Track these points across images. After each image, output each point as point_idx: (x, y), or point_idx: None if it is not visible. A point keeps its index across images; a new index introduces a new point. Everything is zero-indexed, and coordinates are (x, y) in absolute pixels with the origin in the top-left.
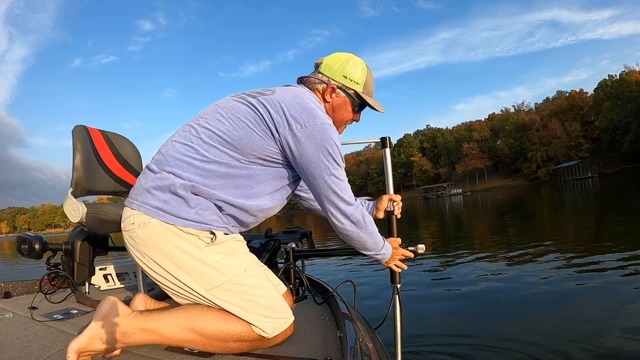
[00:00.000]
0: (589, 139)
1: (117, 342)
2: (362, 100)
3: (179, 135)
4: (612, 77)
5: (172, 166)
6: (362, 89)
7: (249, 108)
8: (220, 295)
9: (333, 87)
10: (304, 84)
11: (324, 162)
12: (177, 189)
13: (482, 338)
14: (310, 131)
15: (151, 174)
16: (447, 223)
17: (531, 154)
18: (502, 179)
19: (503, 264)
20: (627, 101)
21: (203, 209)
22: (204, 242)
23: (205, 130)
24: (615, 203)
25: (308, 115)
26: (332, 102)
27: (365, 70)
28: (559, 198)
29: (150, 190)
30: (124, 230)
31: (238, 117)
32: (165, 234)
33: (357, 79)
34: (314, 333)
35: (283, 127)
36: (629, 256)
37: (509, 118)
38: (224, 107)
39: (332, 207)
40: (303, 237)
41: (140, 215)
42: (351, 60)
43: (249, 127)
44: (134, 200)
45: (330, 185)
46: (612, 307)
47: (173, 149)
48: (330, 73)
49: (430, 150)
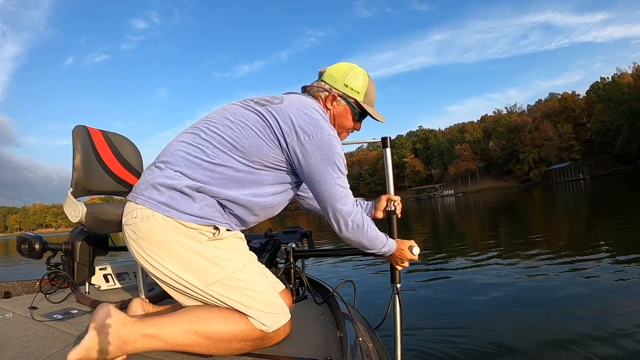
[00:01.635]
0: (580, 140)
1: (117, 351)
2: (362, 110)
3: (187, 136)
4: (604, 80)
5: (180, 166)
6: (362, 98)
7: (258, 117)
8: (219, 290)
9: (334, 95)
10: (307, 92)
11: (329, 171)
12: (184, 187)
13: (481, 338)
14: (318, 142)
15: (158, 170)
16: (439, 224)
17: (523, 156)
18: (494, 180)
19: (498, 264)
20: (619, 103)
21: (208, 205)
22: (205, 236)
23: (214, 135)
24: (607, 205)
25: (315, 126)
26: (333, 110)
27: (367, 81)
28: (550, 200)
29: (157, 187)
30: (125, 225)
31: (247, 125)
32: (167, 228)
33: (358, 88)
34: (314, 333)
35: (291, 138)
36: (621, 257)
37: (501, 120)
38: (232, 113)
39: (334, 214)
40: (303, 237)
41: (144, 209)
42: (353, 70)
43: (258, 135)
44: (138, 195)
45: (334, 194)
46: (605, 307)
47: (182, 149)
48: (332, 82)
49: (423, 151)
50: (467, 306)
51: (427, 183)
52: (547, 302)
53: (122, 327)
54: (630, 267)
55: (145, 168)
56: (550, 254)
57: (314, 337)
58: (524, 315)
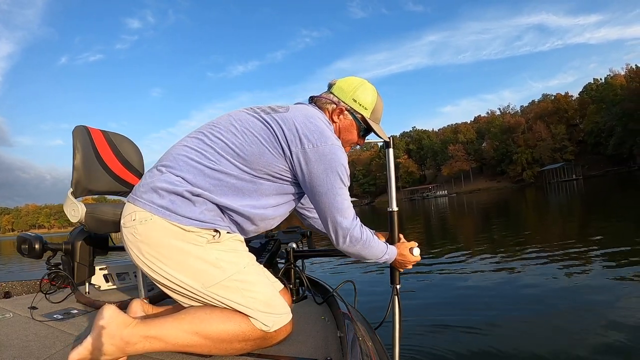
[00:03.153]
0: (574, 141)
1: (119, 352)
2: (368, 126)
3: (191, 140)
4: (597, 81)
5: (182, 171)
6: (369, 114)
7: (263, 125)
8: (219, 292)
9: (342, 109)
10: (315, 103)
11: (332, 181)
12: (184, 192)
13: (480, 338)
14: (322, 151)
15: (159, 174)
16: (433, 224)
17: (516, 156)
18: (488, 181)
19: (494, 264)
20: (612, 105)
21: (208, 209)
22: (205, 239)
23: (218, 142)
24: (600, 205)
25: (320, 135)
26: (339, 124)
27: (376, 97)
28: (543, 200)
29: (157, 190)
30: (124, 227)
31: (252, 133)
32: (166, 232)
33: (366, 104)
34: (314, 333)
35: (295, 145)
36: (613, 255)
37: (494, 120)
38: (238, 120)
39: (333, 226)
40: (303, 237)
41: (143, 211)
42: (363, 85)
43: (262, 143)
44: (138, 197)
45: (334, 205)
46: (597, 308)
47: (185, 153)
48: (341, 95)
49: (416, 152)
50: (466, 307)
51: (420, 184)
52: (545, 303)
53: (124, 329)
54: (622, 267)
55: (147, 170)
56: (544, 254)
57: (314, 337)
58: (523, 315)
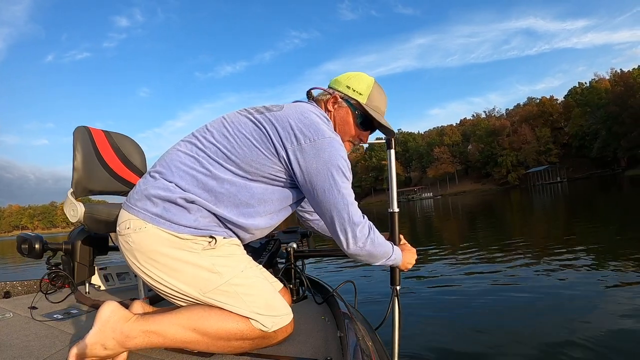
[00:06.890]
0: (558, 144)
1: (119, 346)
2: (366, 113)
3: (185, 145)
4: (582, 85)
5: (175, 177)
6: (365, 100)
7: (255, 125)
8: (217, 297)
9: (335, 97)
10: (311, 98)
11: (333, 176)
12: (178, 199)
13: (479, 338)
14: (320, 145)
15: (152, 180)
16: (424, 226)
17: (501, 159)
18: (473, 183)
19: (490, 265)
20: (596, 108)
21: (203, 216)
22: (200, 245)
23: (210, 146)
24: (583, 207)
25: (316, 129)
26: (334, 112)
27: (372, 85)
28: (528, 202)
29: (151, 198)
30: (119, 235)
31: (244, 134)
32: (160, 240)
33: (360, 90)
34: (314, 333)
35: (291, 143)
36: (595, 257)
37: (480, 123)
38: (230, 123)
39: (341, 225)
40: (303, 237)
41: (137, 220)
42: (359, 75)
43: (254, 144)
44: (132, 205)
45: (339, 201)
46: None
47: (178, 159)
48: (336, 85)
49: (402, 154)
50: (465, 308)
51: (405, 186)
52: (542, 303)
53: (124, 323)
54: (606, 270)
55: (142, 177)
56: (536, 255)
57: (314, 337)
58: (523, 316)
